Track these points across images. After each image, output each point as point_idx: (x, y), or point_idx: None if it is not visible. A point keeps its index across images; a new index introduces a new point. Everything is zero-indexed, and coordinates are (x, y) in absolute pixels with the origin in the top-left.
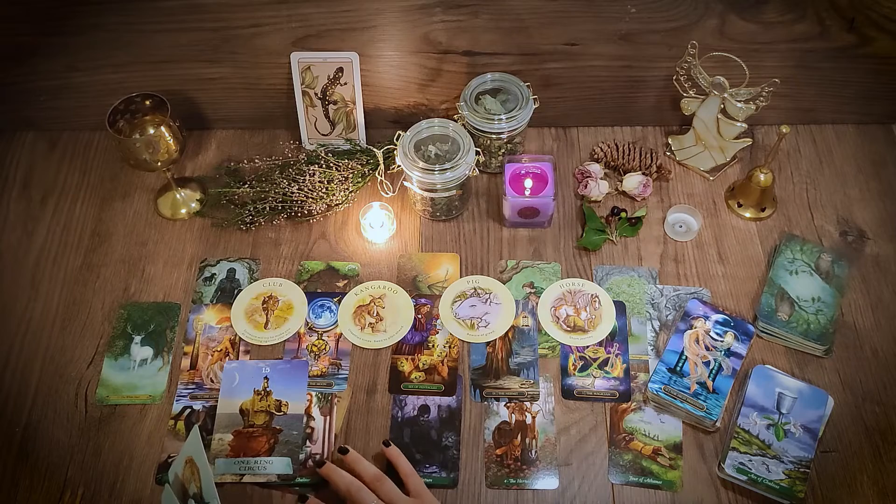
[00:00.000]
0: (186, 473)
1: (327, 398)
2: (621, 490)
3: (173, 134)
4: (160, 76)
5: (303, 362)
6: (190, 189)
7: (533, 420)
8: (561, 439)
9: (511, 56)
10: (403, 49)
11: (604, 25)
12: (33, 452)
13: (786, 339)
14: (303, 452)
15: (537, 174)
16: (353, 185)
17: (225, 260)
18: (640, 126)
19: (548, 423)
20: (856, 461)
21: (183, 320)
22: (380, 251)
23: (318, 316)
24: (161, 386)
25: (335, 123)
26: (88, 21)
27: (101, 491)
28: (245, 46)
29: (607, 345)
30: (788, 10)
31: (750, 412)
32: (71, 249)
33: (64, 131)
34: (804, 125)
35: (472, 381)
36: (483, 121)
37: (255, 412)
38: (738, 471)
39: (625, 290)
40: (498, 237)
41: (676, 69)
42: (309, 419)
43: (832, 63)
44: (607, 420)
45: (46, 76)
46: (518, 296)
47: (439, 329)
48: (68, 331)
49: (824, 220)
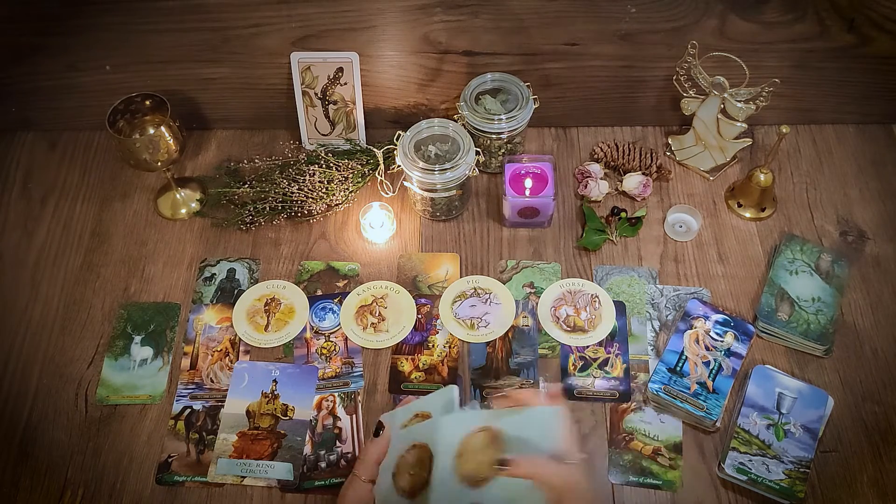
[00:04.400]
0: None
1: (350, 397)
2: (621, 490)
3: (173, 134)
4: (160, 76)
5: (313, 368)
6: (190, 189)
7: None
8: None
9: (511, 56)
10: (403, 49)
11: (604, 25)
12: (33, 452)
13: (786, 339)
14: (334, 453)
15: (537, 174)
16: (353, 185)
17: (225, 260)
18: (640, 126)
19: None
20: (856, 461)
21: (183, 320)
22: (380, 251)
23: (321, 319)
24: (161, 386)
25: (335, 123)
26: (88, 21)
27: (101, 491)
28: (245, 46)
29: (607, 345)
30: (788, 10)
31: (750, 412)
32: (71, 249)
33: (64, 131)
34: (804, 125)
35: (472, 381)
36: (483, 121)
37: (261, 415)
38: (738, 471)
39: (625, 290)
40: (498, 237)
41: (676, 69)
42: (336, 420)
43: (832, 63)
44: (607, 420)
45: (46, 76)
46: (518, 296)
47: (439, 329)
48: (68, 331)
49: (824, 220)
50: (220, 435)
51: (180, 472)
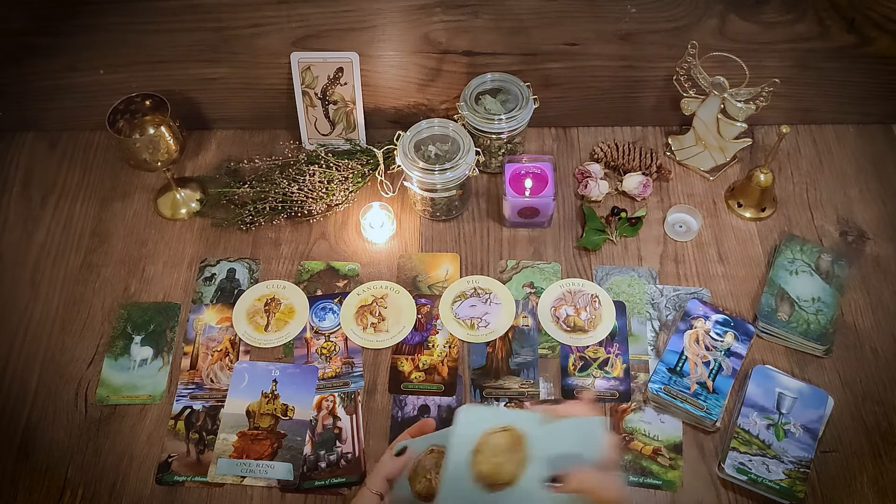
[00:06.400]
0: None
1: (350, 397)
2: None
3: (173, 134)
4: (160, 76)
5: (313, 367)
6: (190, 189)
7: None
8: None
9: (511, 56)
10: (403, 49)
11: (604, 25)
12: (33, 452)
13: (786, 339)
14: (333, 453)
15: (537, 174)
16: (353, 185)
17: (225, 260)
18: (640, 126)
19: None
20: (856, 461)
21: (183, 320)
22: (380, 251)
23: (321, 319)
24: (161, 386)
25: (335, 123)
26: (88, 21)
27: (101, 491)
28: (245, 46)
29: (607, 345)
30: (788, 10)
31: (750, 412)
32: (71, 249)
33: (64, 131)
34: (804, 125)
35: (472, 381)
36: (483, 121)
37: (261, 415)
38: (738, 471)
39: (625, 290)
40: (498, 237)
41: (676, 69)
42: (336, 420)
43: (832, 63)
44: (607, 420)
45: (46, 76)
46: (518, 296)
47: (439, 329)
48: (68, 331)
49: (824, 220)
50: (220, 435)
51: (180, 472)
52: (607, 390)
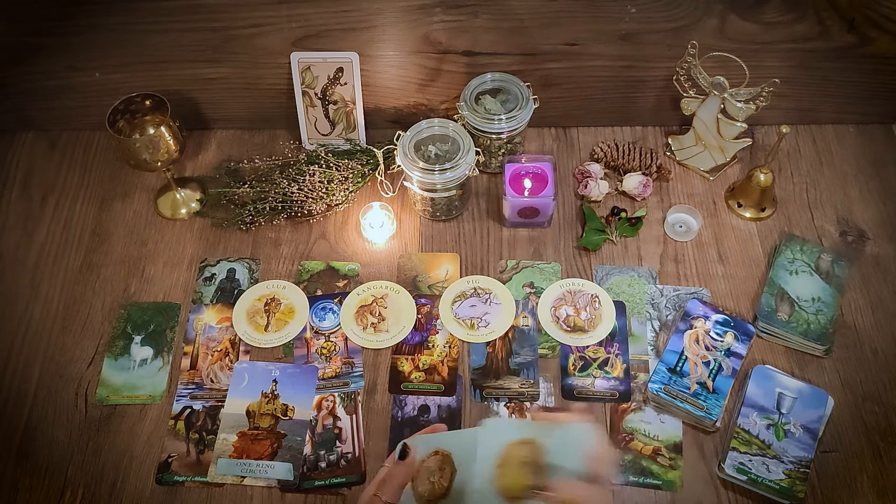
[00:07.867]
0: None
1: (350, 397)
2: (621, 490)
3: (173, 134)
4: (160, 76)
5: (312, 367)
6: (190, 189)
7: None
8: None
9: (511, 56)
10: (403, 49)
11: (604, 25)
12: (33, 452)
13: (786, 339)
14: (333, 453)
15: (537, 174)
16: (353, 185)
17: (225, 260)
18: (640, 126)
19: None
20: (856, 461)
21: (183, 320)
22: (380, 251)
23: (321, 319)
24: (161, 386)
25: (335, 123)
26: (88, 21)
27: (101, 491)
28: (245, 46)
29: (607, 345)
30: (788, 10)
31: (750, 412)
32: (71, 249)
33: (64, 131)
34: (804, 125)
35: (472, 381)
36: (483, 121)
37: (261, 415)
38: (738, 471)
39: (625, 290)
40: (498, 237)
41: (676, 69)
42: (336, 420)
43: (832, 63)
44: (607, 420)
45: (46, 76)
46: (518, 296)
47: (439, 329)
48: (68, 331)
49: (824, 220)
50: (220, 435)
51: (180, 472)
52: (607, 390)
